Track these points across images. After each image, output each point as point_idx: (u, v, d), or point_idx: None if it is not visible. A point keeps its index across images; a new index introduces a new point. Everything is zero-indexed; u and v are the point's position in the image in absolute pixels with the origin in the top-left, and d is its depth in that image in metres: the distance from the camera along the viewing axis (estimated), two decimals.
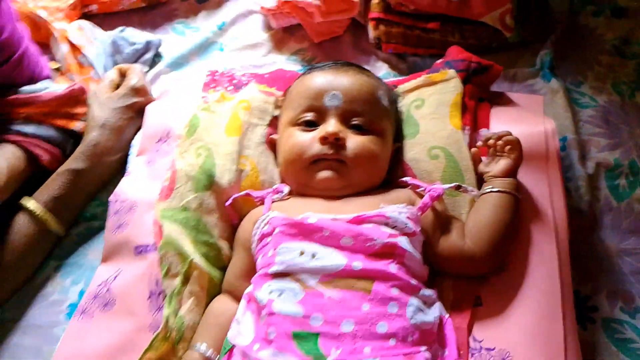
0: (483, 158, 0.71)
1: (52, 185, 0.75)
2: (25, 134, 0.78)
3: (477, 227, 0.65)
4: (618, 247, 0.75)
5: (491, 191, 0.67)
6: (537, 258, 0.65)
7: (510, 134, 0.69)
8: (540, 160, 0.71)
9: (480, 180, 0.70)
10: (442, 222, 0.66)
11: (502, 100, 0.83)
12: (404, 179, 0.70)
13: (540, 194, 0.69)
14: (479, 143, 0.71)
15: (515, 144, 0.69)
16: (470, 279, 0.66)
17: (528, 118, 0.77)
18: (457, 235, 0.65)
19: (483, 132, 0.76)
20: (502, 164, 0.69)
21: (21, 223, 0.72)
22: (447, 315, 0.62)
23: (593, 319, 0.70)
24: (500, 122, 0.76)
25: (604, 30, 1.01)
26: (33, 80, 0.84)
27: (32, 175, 0.78)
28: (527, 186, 0.70)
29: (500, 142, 0.69)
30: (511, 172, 0.68)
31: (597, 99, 0.91)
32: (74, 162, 0.78)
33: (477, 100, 0.79)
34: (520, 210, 0.67)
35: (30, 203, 0.73)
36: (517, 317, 0.62)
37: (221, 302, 0.66)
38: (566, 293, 0.63)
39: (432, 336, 0.58)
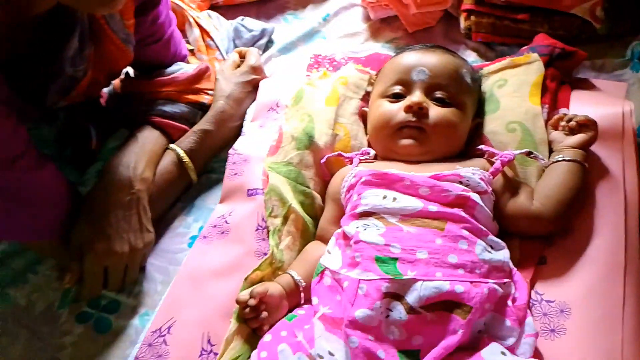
0: (557, 132, 0.78)
1: (188, 140, 0.92)
2: (164, 113, 0.94)
3: (545, 189, 0.72)
4: None
5: (563, 159, 0.73)
6: (604, 225, 0.71)
7: (589, 117, 0.75)
8: (615, 138, 0.76)
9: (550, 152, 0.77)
10: (512, 186, 0.73)
11: (585, 85, 0.88)
12: (480, 146, 0.78)
13: (614, 168, 0.74)
14: (556, 116, 0.77)
15: (593, 124, 0.74)
16: (536, 240, 0.72)
17: (607, 100, 0.81)
18: (526, 197, 0.72)
19: (562, 111, 0.82)
20: (577, 137, 0.75)
21: (166, 164, 0.89)
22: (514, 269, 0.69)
23: None
24: (580, 103, 0.82)
25: None
26: (175, 58, 1.02)
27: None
28: (601, 160, 0.75)
29: (578, 119, 0.75)
30: (583, 147, 0.74)
31: None
32: (205, 124, 0.94)
33: (559, 83, 0.84)
34: (589, 179, 0.72)
35: (179, 149, 0.90)
36: (579, 276, 0.68)
37: (314, 244, 0.78)
38: (630, 260, 0.68)
39: (502, 272, 0.65)
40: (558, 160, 0.74)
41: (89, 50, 0.82)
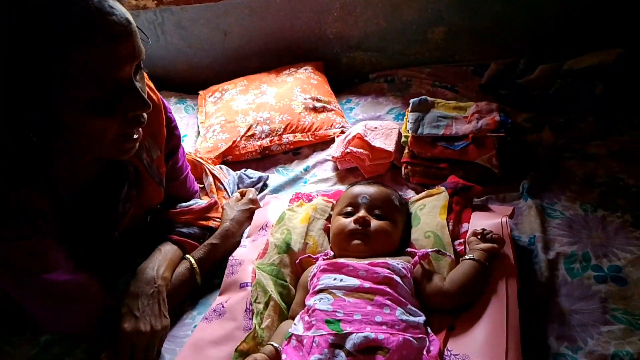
0: (473, 237, 1.08)
1: (199, 251, 1.24)
2: (182, 233, 1.28)
3: (454, 276, 1.02)
4: (570, 308, 1.03)
5: (472, 259, 1.03)
6: (494, 302, 0.98)
7: (501, 237, 1.07)
8: None
9: (457, 255, 1.09)
10: (428, 274, 1.03)
11: (484, 208, 1.23)
12: (407, 249, 1.10)
13: (501, 261, 1.05)
14: (478, 229, 1.09)
15: (502, 242, 1.06)
16: (448, 314, 1.00)
17: (494, 216, 1.16)
18: (439, 280, 1.02)
19: (465, 225, 1.16)
20: (487, 245, 1.05)
21: (181, 270, 1.19)
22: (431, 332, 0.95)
23: (547, 353, 0.97)
24: (476, 218, 1.16)
25: (576, 169, 1.39)
26: (190, 192, 1.39)
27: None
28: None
29: (491, 235, 1.07)
30: (489, 253, 1.04)
31: (565, 213, 1.26)
32: (214, 239, 1.27)
33: (463, 206, 1.20)
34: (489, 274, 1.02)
35: (191, 258, 1.21)
36: (475, 337, 0.93)
37: (287, 322, 1.05)
38: (511, 324, 0.93)
39: (417, 330, 0.91)
40: (469, 258, 1.04)
41: (133, 192, 1.18)
